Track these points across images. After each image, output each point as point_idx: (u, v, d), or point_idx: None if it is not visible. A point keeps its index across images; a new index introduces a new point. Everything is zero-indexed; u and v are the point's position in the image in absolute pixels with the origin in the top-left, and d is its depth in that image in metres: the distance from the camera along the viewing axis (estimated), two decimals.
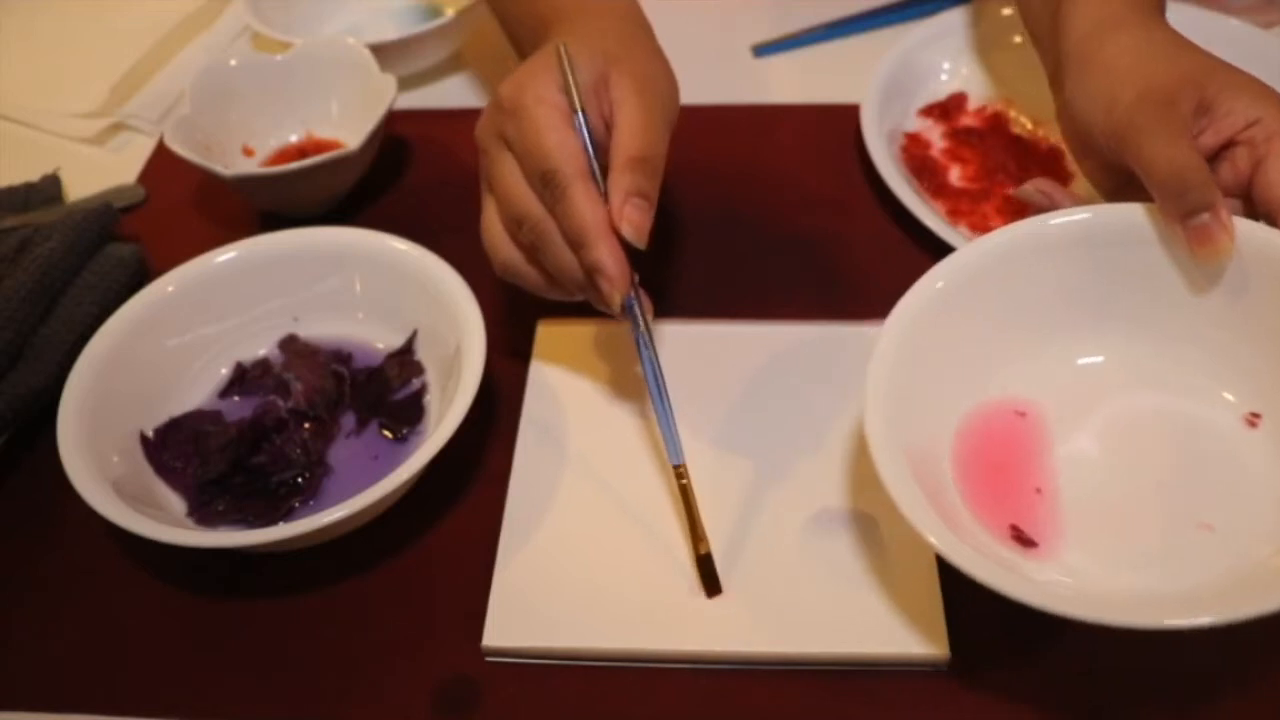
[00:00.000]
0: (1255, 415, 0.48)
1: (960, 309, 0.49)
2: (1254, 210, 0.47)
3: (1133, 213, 0.49)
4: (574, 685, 0.47)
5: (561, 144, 0.48)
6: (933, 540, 0.41)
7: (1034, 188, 0.53)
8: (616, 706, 0.47)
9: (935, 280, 0.49)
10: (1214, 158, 0.48)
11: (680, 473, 0.49)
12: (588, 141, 0.49)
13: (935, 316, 0.48)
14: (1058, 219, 0.50)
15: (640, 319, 0.49)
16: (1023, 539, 0.46)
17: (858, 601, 0.48)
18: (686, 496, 0.49)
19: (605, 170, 0.48)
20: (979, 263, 0.50)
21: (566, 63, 0.49)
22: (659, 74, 0.52)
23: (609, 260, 0.47)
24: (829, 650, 0.47)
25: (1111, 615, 0.39)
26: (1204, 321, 0.49)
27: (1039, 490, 0.47)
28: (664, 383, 0.49)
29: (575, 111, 0.49)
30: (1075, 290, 0.50)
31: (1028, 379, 0.50)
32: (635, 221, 0.47)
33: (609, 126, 0.50)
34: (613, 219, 0.47)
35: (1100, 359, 0.51)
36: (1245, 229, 0.46)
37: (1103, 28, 0.52)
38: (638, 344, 0.50)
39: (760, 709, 0.46)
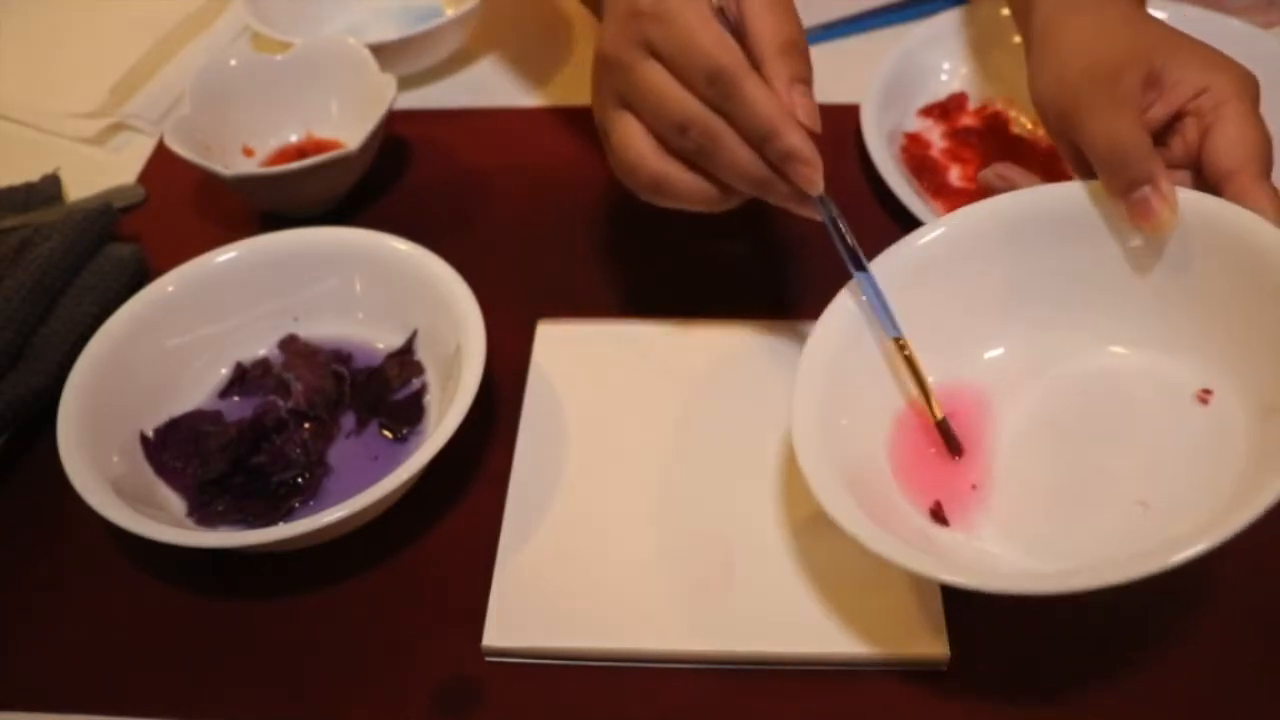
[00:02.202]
0: (1207, 392, 0.47)
1: (914, 295, 0.50)
2: (1203, 181, 0.47)
3: (1068, 190, 0.49)
4: (574, 685, 0.47)
5: (720, 40, 0.46)
6: (849, 527, 0.43)
7: (994, 173, 0.53)
8: (616, 706, 0.47)
9: (854, 295, 0.50)
10: (1166, 130, 0.48)
11: (901, 344, 0.49)
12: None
13: (856, 331, 0.50)
14: (988, 205, 0.50)
15: (833, 206, 0.49)
16: (942, 518, 0.46)
17: (858, 601, 0.48)
18: (913, 366, 0.49)
19: (755, 63, 0.47)
20: (904, 262, 0.51)
21: None
22: None
23: (804, 144, 0.46)
24: (829, 650, 0.47)
25: (990, 583, 0.40)
26: (1152, 297, 0.48)
27: (974, 485, 0.48)
28: (866, 260, 0.50)
29: (715, 8, 0.48)
30: (1015, 277, 0.50)
31: (964, 369, 0.51)
32: (807, 106, 0.47)
33: (736, 27, 0.48)
34: (788, 107, 0.46)
35: (1034, 342, 0.51)
36: (1190, 200, 0.46)
37: (1063, 10, 0.53)
38: (831, 225, 0.49)
39: (760, 709, 0.46)
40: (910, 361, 0.49)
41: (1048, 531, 0.46)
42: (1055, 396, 0.50)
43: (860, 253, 0.50)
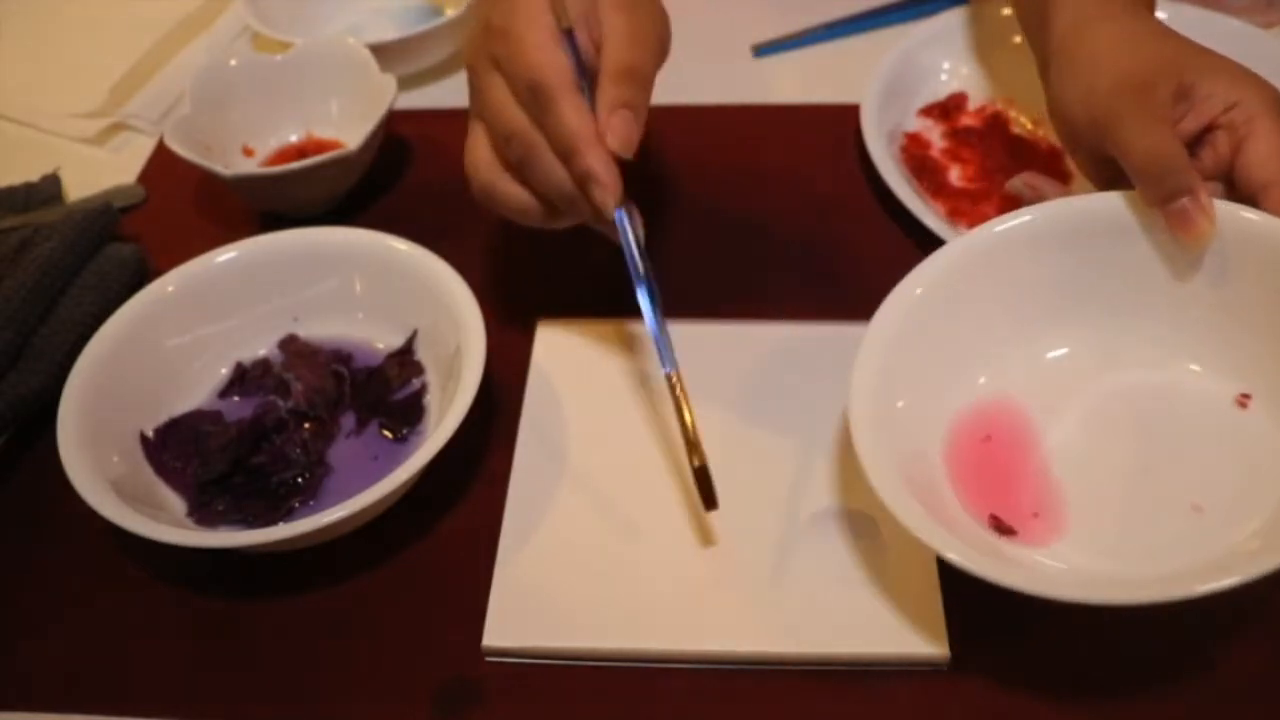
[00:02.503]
0: (1245, 396, 0.48)
1: (940, 313, 0.50)
2: (1236, 193, 0.48)
3: (1113, 201, 0.49)
4: (574, 685, 0.47)
5: (548, 58, 0.48)
6: (930, 541, 0.42)
7: (1022, 182, 0.54)
8: (616, 706, 0.47)
9: (914, 287, 0.50)
10: (1195, 142, 0.48)
11: (672, 381, 0.49)
12: (576, 60, 0.49)
13: (915, 322, 0.49)
14: (1029, 214, 0.50)
15: (628, 230, 0.50)
16: (1005, 529, 0.46)
17: (858, 601, 0.48)
18: (679, 405, 0.49)
19: (595, 89, 0.49)
20: (955, 264, 0.50)
21: None
22: (649, 2, 0.52)
23: (599, 167, 0.47)
24: (829, 650, 0.47)
25: (1091, 594, 0.40)
26: (1191, 306, 0.49)
27: (1033, 481, 0.48)
28: (656, 292, 0.50)
29: (563, 30, 0.49)
30: (1061, 282, 0.50)
31: (1015, 375, 0.51)
32: (621, 132, 0.48)
33: (598, 49, 0.50)
34: (600, 129, 0.47)
35: (1068, 350, 0.51)
36: (1226, 211, 0.46)
37: (1085, 21, 0.53)
38: (627, 257, 0.50)
39: (760, 709, 0.46)
40: (677, 402, 0.49)
41: (1108, 538, 0.46)
42: (1103, 402, 0.50)
43: (653, 282, 0.50)
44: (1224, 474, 0.46)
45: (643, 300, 0.50)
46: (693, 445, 0.48)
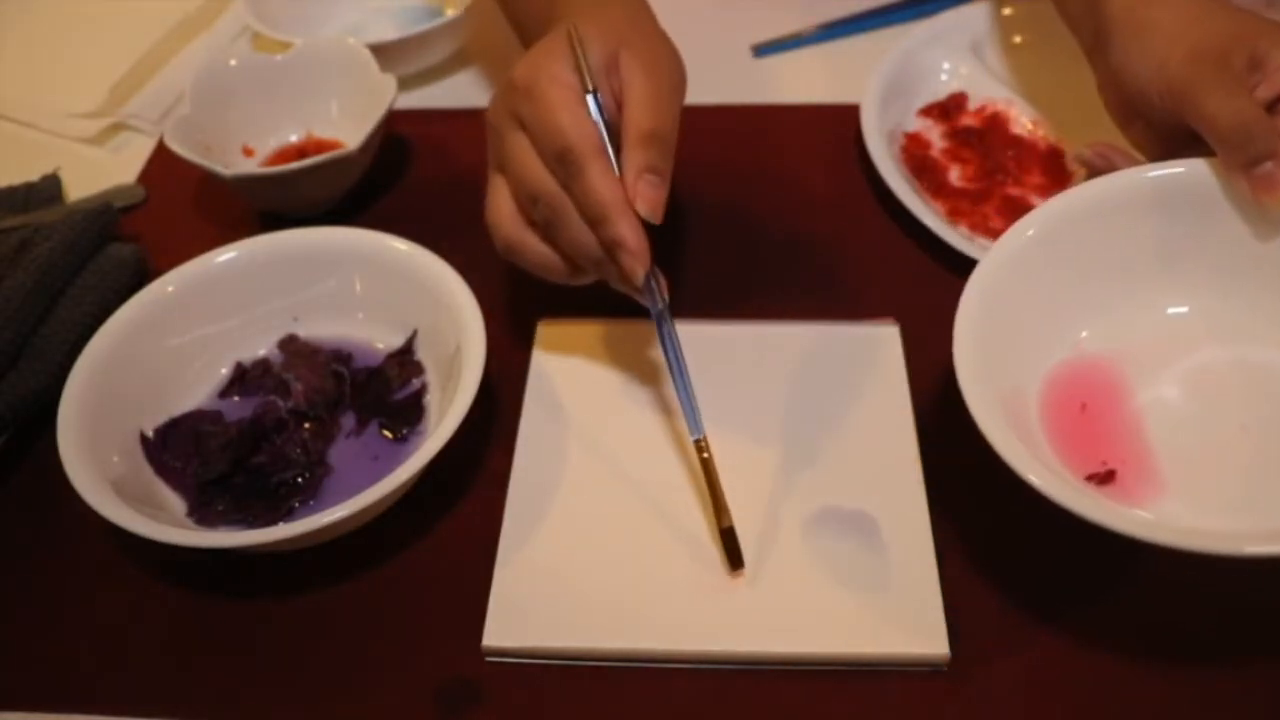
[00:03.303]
0: None
1: (1050, 257, 0.50)
2: None
3: (1204, 168, 0.50)
4: (574, 685, 0.47)
5: (576, 122, 0.48)
6: (1032, 479, 0.42)
7: (1094, 152, 0.54)
8: (616, 707, 0.47)
9: (1027, 228, 0.50)
10: (1269, 111, 0.49)
11: (701, 446, 0.50)
12: (601, 121, 0.49)
13: (1025, 263, 0.50)
14: (1155, 171, 0.51)
15: (657, 294, 0.50)
16: (1105, 479, 0.47)
17: (858, 601, 0.48)
18: (708, 470, 0.49)
19: (619, 149, 0.49)
20: (1069, 213, 0.51)
21: (578, 44, 0.50)
22: (667, 55, 0.53)
23: (630, 235, 0.47)
24: (829, 650, 0.47)
25: (1198, 543, 0.40)
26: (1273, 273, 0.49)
27: (1129, 439, 0.48)
28: (683, 357, 0.51)
29: (588, 91, 0.49)
30: (1162, 242, 0.51)
31: (1113, 329, 0.52)
32: (649, 198, 0.48)
33: (620, 106, 0.50)
34: (628, 195, 0.48)
35: (1185, 310, 0.52)
36: None
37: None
38: (656, 319, 0.50)
39: (760, 709, 0.46)
40: (706, 466, 0.49)
41: (1208, 496, 0.46)
42: (1197, 367, 0.51)
43: (680, 352, 0.51)
44: None
45: (672, 365, 0.51)
46: (721, 508, 0.49)
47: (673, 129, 0.50)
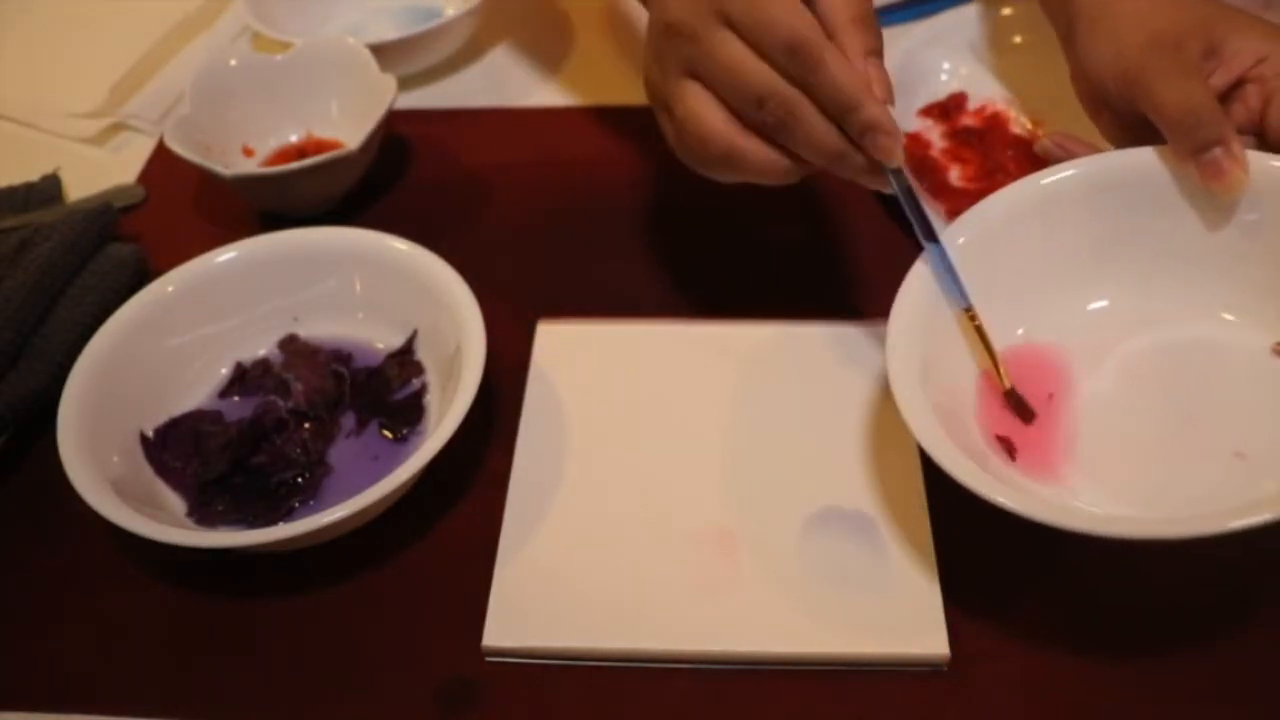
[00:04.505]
0: None
1: (982, 260, 0.50)
2: (1267, 146, 0.48)
3: (1145, 156, 0.50)
4: (574, 685, 0.47)
5: (798, 12, 0.46)
6: (926, 444, 0.43)
7: (1053, 142, 0.54)
8: (616, 707, 0.47)
9: (957, 236, 0.50)
10: (1225, 98, 0.49)
11: (971, 315, 0.49)
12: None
13: (962, 266, 0.50)
14: (1063, 171, 0.51)
15: (904, 173, 0.49)
16: (1011, 449, 0.47)
17: (858, 601, 0.48)
18: (983, 335, 0.49)
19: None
20: (999, 214, 0.51)
21: None
22: None
23: (885, 116, 0.46)
24: (829, 650, 0.47)
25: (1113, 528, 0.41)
26: (1224, 257, 0.49)
27: (1066, 430, 0.48)
28: (937, 233, 0.50)
29: None
30: (1099, 236, 0.51)
31: (1048, 324, 0.52)
32: (881, 78, 0.48)
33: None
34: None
35: (1109, 302, 0.52)
36: (1259, 161, 0.47)
37: None
38: (904, 194, 0.49)
39: (760, 709, 0.46)
40: (980, 331, 0.49)
41: (1147, 486, 0.46)
42: (1138, 354, 0.51)
43: (931, 222, 0.50)
44: (1265, 420, 0.47)
45: (929, 244, 0.50)
46: (1003, 371, 0.49)
47: (875, 11, 0.49)
